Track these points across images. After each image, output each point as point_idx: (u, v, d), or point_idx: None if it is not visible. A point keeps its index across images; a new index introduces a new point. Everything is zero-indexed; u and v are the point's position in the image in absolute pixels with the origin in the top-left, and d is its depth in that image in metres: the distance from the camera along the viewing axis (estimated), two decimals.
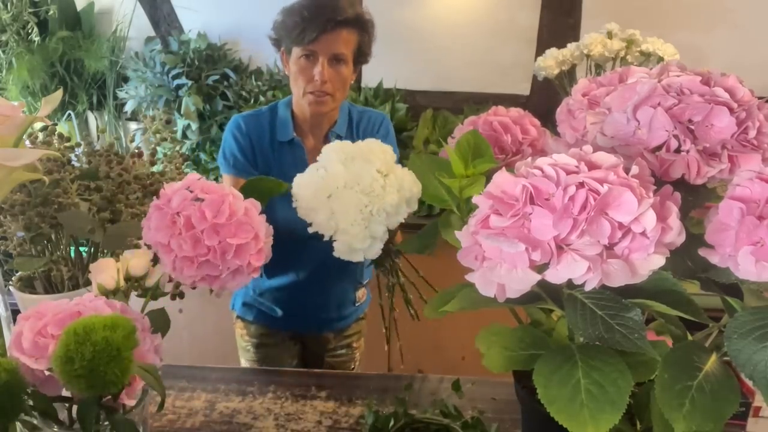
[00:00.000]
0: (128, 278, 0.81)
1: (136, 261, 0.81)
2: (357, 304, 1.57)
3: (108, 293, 0.77)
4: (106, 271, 0.78)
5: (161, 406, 0.67)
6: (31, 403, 0.64)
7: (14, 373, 0.59)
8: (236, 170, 1.44)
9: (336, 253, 0.97)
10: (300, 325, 1.55)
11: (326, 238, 0.97)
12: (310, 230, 0.97)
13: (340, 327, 1.58)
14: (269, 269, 1.48)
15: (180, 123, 2.37)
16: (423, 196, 0.81)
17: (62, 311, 0.63)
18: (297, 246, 1.39)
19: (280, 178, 1.36)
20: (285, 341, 1.56)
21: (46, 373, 0.62)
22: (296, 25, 1.31)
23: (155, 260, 0.98)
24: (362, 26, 1.35)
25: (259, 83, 2.43)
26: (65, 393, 0.65)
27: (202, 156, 2.41)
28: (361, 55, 1.39)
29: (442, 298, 0.70)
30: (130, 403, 0.66)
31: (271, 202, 1.35)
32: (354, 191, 0.91)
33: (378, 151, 0.94)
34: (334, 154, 0.96)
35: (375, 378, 1.20)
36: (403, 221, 1.00)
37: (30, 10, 2.43)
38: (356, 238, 0.93)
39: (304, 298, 1.49)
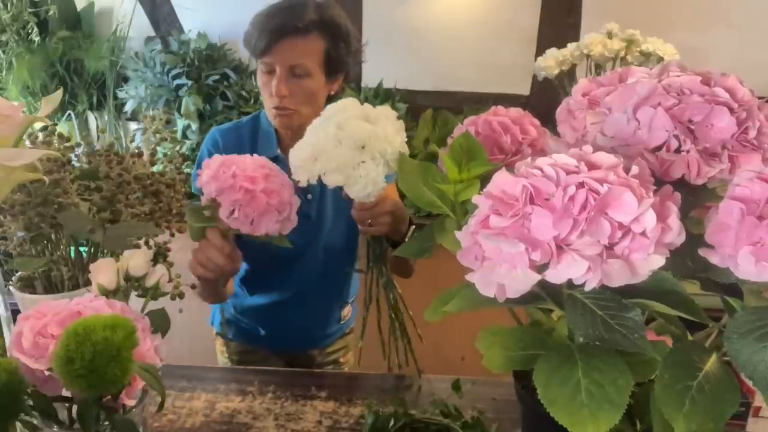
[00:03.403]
0: (128, 278, 0.81)
1: (135, 261, 0.81)
2: (342, 322, 1.52)
3: (108, 293, 0.77)
4: (106, 271, 0.78)
5: (161, 406, 0.67)
6: (30, 403, 0.64)
7: (14, 373, 0.60)
8: None
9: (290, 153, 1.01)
10: (282, 343, 1.48)
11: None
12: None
13: (325, 344, 1.52)
14: (252, 286, 1.42)
15: (180, 123, 2.37)
16: (416, 202, 0.81)
17: (62, 311, 0.63)
18: (283, 265, 1.35)
19: None
20: (269, 357, 1.49)
21: (46, 373, 0.62)
22: (252, 36, 1.19)
23: (155, 260, 0.98)
24: (329, 31, 1.19)
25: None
26: (65, 393, 0.65)
27: None
28: (334, 64, 1.22)
29: (442, 299, 0.70)
30: (130, 403, 0.66)
31: None
32: (335, 131, 0.95)
33: (389, 136, 0.97)
34: (368, 106, 1.00)
35: (375, 378, 1.20)
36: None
37: (30, 10, 2.43)
38: (300, 154, 0.98)
39: (287, 318, 1.42)
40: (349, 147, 0.94)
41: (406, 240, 1.14)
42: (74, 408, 0.65)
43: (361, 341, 1.21)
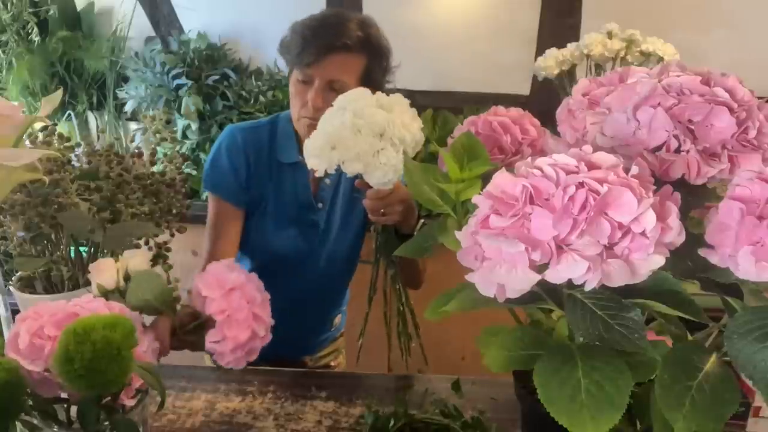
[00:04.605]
0: (127, 278, 0.81)
1: (135, 261, 0.81)
2: (332, 329, 1.51)
3: (108, 293, 0.77)
4: (106, 271, 0.78)
5: (161, 405, 0.67)
6: (30, 402, 0.63)
7: (14, 372, 0.59)
8: (223, 193, 1.29)
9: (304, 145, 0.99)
10: (274, 351, 1.42)
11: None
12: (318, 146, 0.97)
13: (317, 350, 1.51)
14: None
15: (180, 123, 2.37)
16: (419, 201, 0.81)
17: (59, 312, 0.63)
18: (283, 272, 1.33)
19: (277, 204, 1.30)
20: (259, 364, 1.44)
21: (43, 374, 0.62)
22: (296, 46, 1.19)
23: (155, 261, 0.98)
24: (371, 50, 1.21)
25: (259, 83, 2.43)
26: (62, 395, 0.65)
27: (202, 156, 2.41)
28: (370, 82, 1.21)
29: (442, 299, 0.70)
30: (129, 402, 0.66)
31: (263, 226, 1.31)
32: (351, 118, 0.95)
33: (405, 123, 0.97)
34: (382, 94, 1.01)
35: (375, 378, 1.20)
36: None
37: (30, 10, 2.43)
38: (315, 143, 0.95)
39: (282, 325, 1.34)
40: (368, 135, 0.93)
41: (415, 233, 1.14)
42: (72, 408, 0.65)
43: (361, 338, 1.21)
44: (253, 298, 0.73)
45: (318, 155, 0.95)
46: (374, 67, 1.23)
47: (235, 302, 0.72)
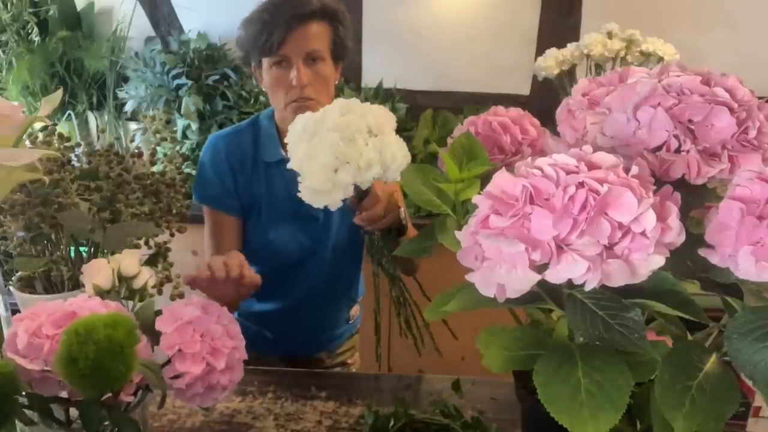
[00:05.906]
0: (120, 278, 0.80)
1: (127, 261, 0.80)
2: (350, 322, 1.50)
3: (103, 293, 0.77)
4: (102, 271, 0.78)
5: (162, 402, 0.67)
6: (26, 403, 0.63)
7: (9, 375, 0.59)
8: (214, 203, 1.30)
9: (301, 196, 0.90)
10: (290, 348, 1.44)
11: (299, 179, 0.90)
12: (289, 165, 0.90)
13: (334, 346, 1.49)
14: (261, 291, 1.34)
15: (180, 123, 2.37)
16: (417, 201, 0.80)
17: (57, 311, 0.63)
18: (293, 268, 1.34)
19: (272, 204, 1.30)
20: (276, 364, 1.42)
21: (43, 373, 0.62)
22: (260, 33, 1.17)
23: (155, 260, 0.98)
24: (332, 16, 1.21)
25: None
26: (62, 394, 0.65)
27: None
28: (339, 49, 1.23)
29: (442, 299, 0.70)
30: (128, 399, 0.66)
31: (263, 228, 1.32)
32: (336, 135, 0.87)
33: (376, 112, 0.92)
34: (338, 104, 0.93)
35: (375, 378, 1.20)
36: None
37: (30, 10, 2.43)
38: (318, 179, 0.87)
39: (298, 321, 1.39)
40: (361, 138, 0.87)
41: (402, 220, 1.14)
42: (71, 408, 0.65)
43: (377, 333, 1.23)
44: (210, 331, 0.72)
45: (329, 191, 0.87)
46: (339, 32, 1.22)
47: (188, 336, 0.71)
